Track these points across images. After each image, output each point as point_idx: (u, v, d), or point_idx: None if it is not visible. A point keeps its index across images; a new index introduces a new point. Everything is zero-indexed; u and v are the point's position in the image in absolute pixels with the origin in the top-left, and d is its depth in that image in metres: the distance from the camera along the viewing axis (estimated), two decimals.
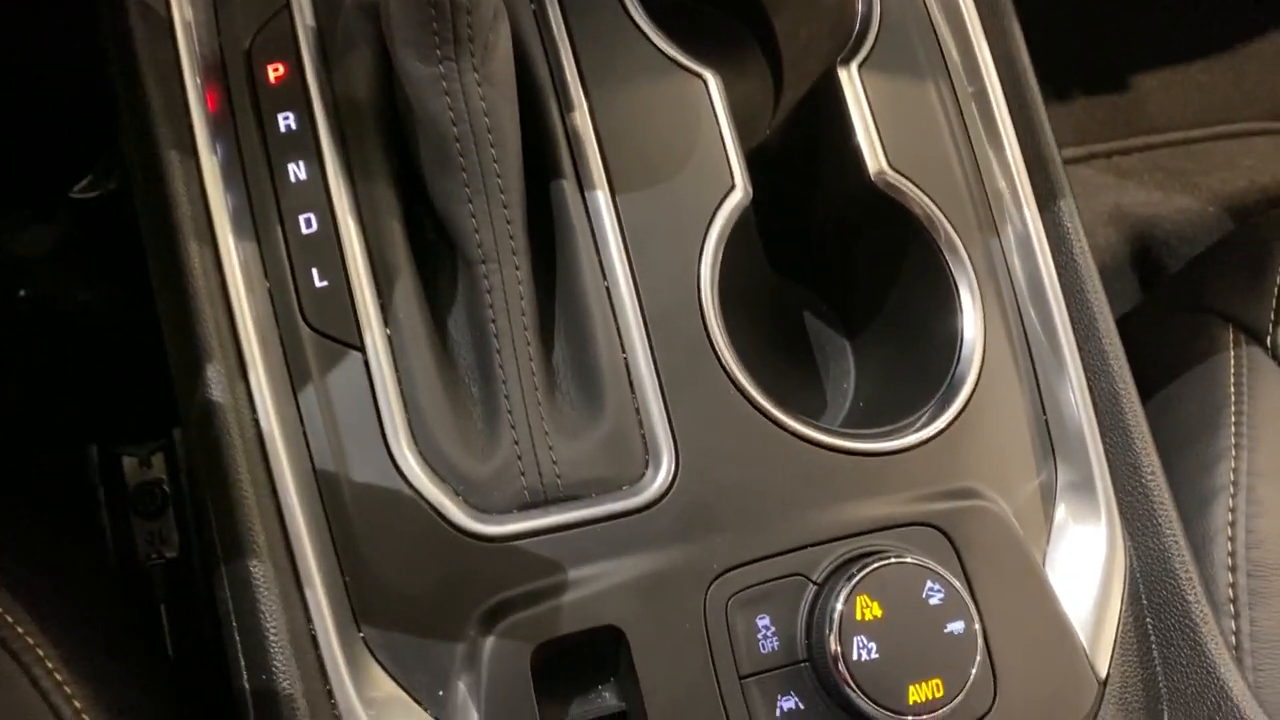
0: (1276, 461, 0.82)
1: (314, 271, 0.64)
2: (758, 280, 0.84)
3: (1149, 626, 0.71)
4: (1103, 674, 0.69)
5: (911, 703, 0.62)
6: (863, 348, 0.83)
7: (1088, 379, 0.73)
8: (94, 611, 0.83)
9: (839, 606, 0.62)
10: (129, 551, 1.08)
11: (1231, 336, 0.92)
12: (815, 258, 0.84)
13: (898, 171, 0.73)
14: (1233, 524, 0.80)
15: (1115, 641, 0.70)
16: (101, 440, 1.10)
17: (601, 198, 0.67)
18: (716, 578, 0.64)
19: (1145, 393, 0.74)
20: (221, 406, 0.60)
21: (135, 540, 1.08)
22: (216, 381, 0.60)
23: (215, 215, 0.63)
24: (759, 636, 0.64)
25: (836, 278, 0.83)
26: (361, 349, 0.63)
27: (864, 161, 0.73)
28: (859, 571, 0.63)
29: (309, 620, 0.59)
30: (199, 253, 0.62)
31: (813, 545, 0.66)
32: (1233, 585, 0.78)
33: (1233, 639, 0.76)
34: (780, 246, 0.83)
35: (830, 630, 0.62)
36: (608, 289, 0.67)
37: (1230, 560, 0.79)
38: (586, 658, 0.63)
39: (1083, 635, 0.69)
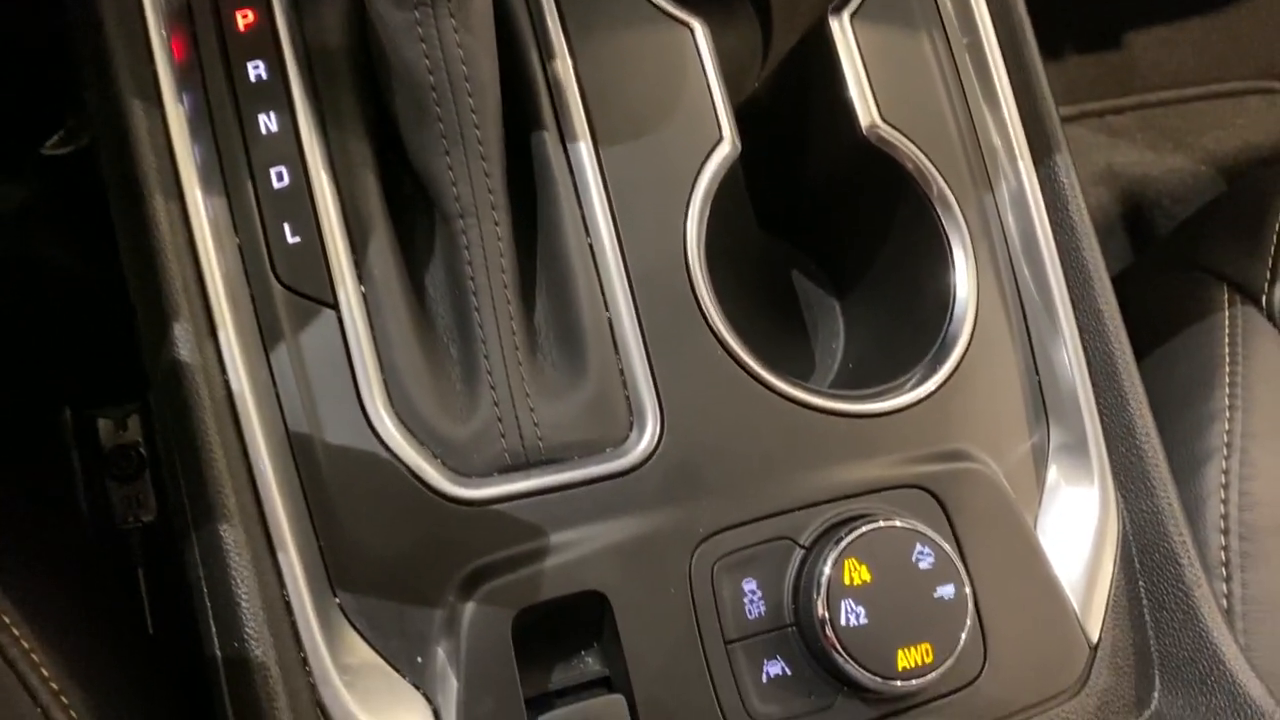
0: (1271, 423, 0.81)
1: (286, 227, 0.61)
2: (745, 238, 0.82)
3: (1141, 590, 0.70)
4: (1094, 638, 0.68)
5: (901, 668, 0.61)
6: (852, 307, 0.81)
7: (1082, 339, 0.72)
8: (69, 582, 0.81)
9: (827, 570, 0.61)
10: (105, 516, 1.06)
11: (1226, 296, 0.90)
12: (804, 215, 0.82)
13: (890, 125, 0.71)
14: (1225, 486, 0.79)
15: (1107, 605, 0.69)
16: (75, 403, 1.07)
17: (584, 150, 0.65)
18: (702, 542, 0.62)
19: (1138, 353, 0.73)
20: (190, 366, 0.58)
21: (112, 504, 1.06)
22: (185, 340, 0.58)
23: (182, 168, 0.60)
24: (745, 601, 0.62)
25: (826, 235, 0.81)
26: (335, 307, 0.61)
27: (855, 114, 0.70)
28: (847, 535, 0.62)
29: (282, 586, 0.57)
30: (165, 207, 0.59)
31: (800, 508, 0.64)
32: (1225, 548, 0.77)
33: (1224, 602, 0.75)
34: (768, 203, 0.81)
35: (818, 594, 0.61)
36: (591, 246, 0.65)
37: (1223, 523, 0.78)
38: (569, 624, 0.62)
39: (1074, 599, 0.68)
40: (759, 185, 0.79)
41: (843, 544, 0.62)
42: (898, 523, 0.63)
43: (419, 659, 0.59)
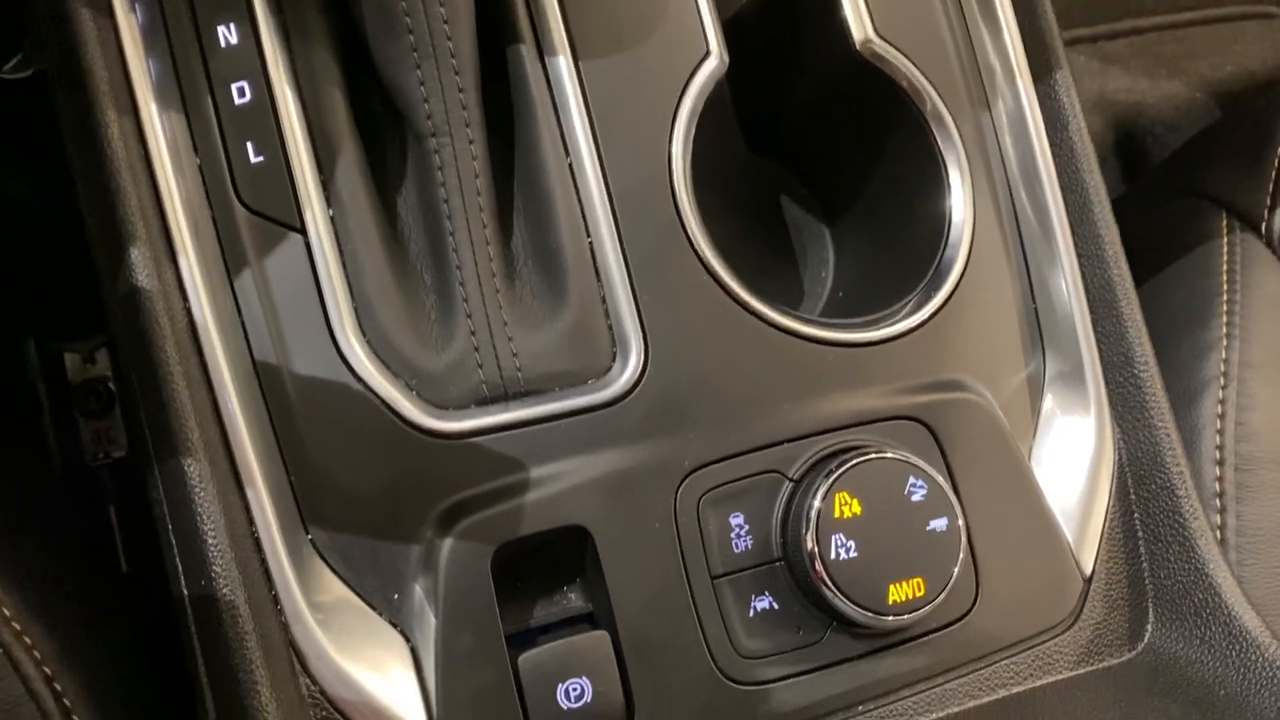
0: (1269, 352, 0.79)
1: (248, 146, 0.58)
2: (732, 160, 0.78)
3: (1136, 521, 0.68)
4: (1088, 571, 0.67)
5: (892, 602, 0.59)
6: (843, 233, 0.78)
7: (1081, 265, 0.69)
8: (38, 519, 0.78)
9: (816, 504, 0.59)
10: (75, 452, 1.03)
11: (1225, 223, 0.88)
12: (794, 136, 0.78)
13: (884, 40, 0.67)
14: (1222, 416, 0.77)
15: (1101, 537, 0.67)
16: (41, 337, 1.04)
17: (563, 64, 0.61)
18: (688, 475, 0.60)
19: (1136, 280, 0.71)
20: (149, 293, 0.55)
21: (81, 440, 1.03)
22: (142, 266, 0.55)
23: (136, 83, 0.57)
24: (732, 536, 0.60)
25: (817, 157, 0.78)
26: (302, 230, 0.58)
27: (849, 29, 0.67)
28: (838, 468, 0.60)
29: (251, 522, 0.55)
30: (118, 124, 0.56)
31: (789, 441, 0.62)
32: (1220, 479, 0.76)
33: (1218, 534, 0.74)
34: (757, 123, 0.78)
35: (807, 528, 0.59)
36: (570, 166, 0.61)
37: (1218, 454, 0.76)
38: (551, 559, 0.60)
39: (1068, 531, 0.67)
40: (747, 104, 0.76)
41: (833, 477, 0.60)
42: (889, 454, 0.61)
43: (395, 596, 0.57)
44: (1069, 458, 0.68)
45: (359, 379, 0.57)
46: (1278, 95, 0.99)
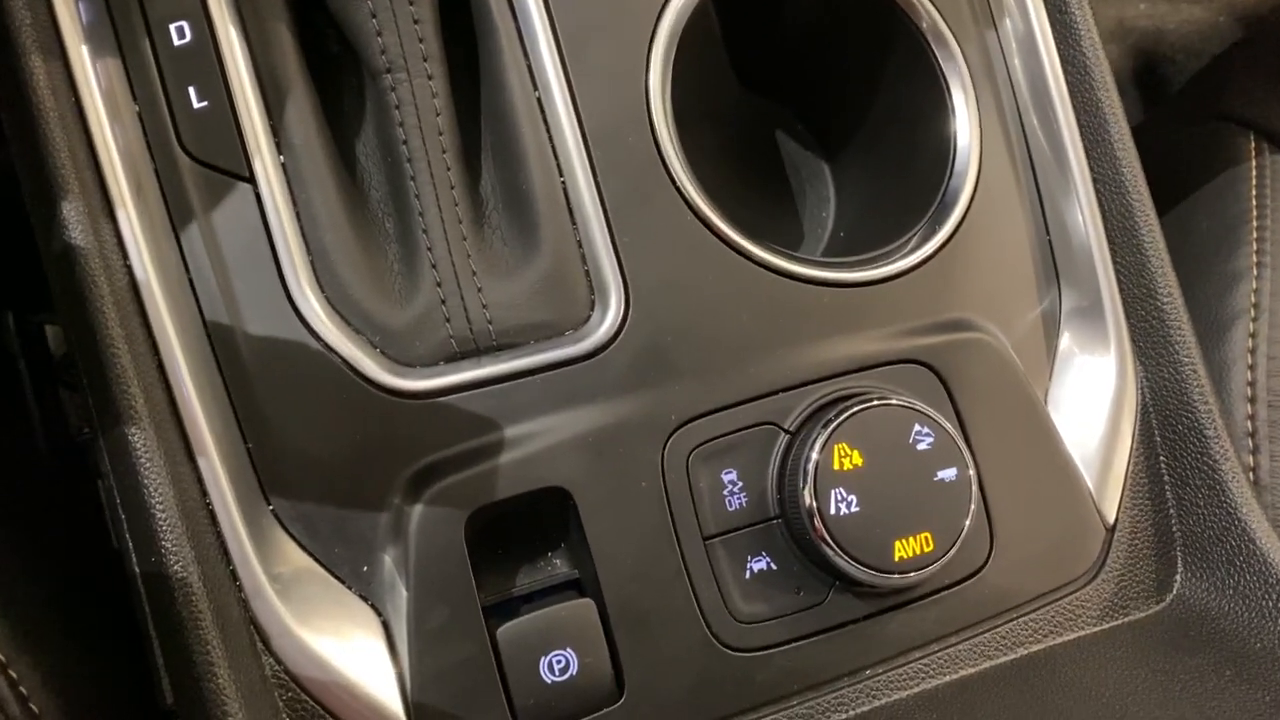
0: None
1: (191, 90, 0.54)
2: (723, 96, 0.74)
3: (1162, 465, 0.64)
4: (1110, 519, 0.62)
5: (898, 559, 0.55)
6: (843, 169, 0.73)
7: (1097, 192, 0.64)
8: (22, 495, 0.75)
9: (814, 456, 0.55)
10: (59, 426, 1.00)
11: (1252, 145, 0.82)
12: (788, 67, 0.73)
13: None
14: (1253, 351, 0.73)
15: (1125, 483, 0.63)
16: (19, 308, 1.01)
17: None
18: (676, 430, 0.56)
19: (1157, 209, 0.66)
20: (84, 251, 0.51)
21: (65, 414, 1.00)
22: (75, 222, 0.51)
23: (64, 24, 0.52)
24: (725, 493, 0.56)
25: (813, 88, 0.73)
26: (251, 180, 0.54)
27: None
28: (837, 416, 0.56)
29: (204, 494, 0.51)
30: (44, 69, 0.52)
31: (785, 390, 0.58)
32: (1251, 417, 0.71)
33: (1251, 476, 0.69)
34: (749, 56, 0.73)
35: (804, 483, 0.55)
36: (539, 101, 0.57)
37: (1249, 390, 0.72)
38: (532, 523, 0.56)
39: (1088, 477, 0.62)
40: (737, 34, 0.71)
41: (832, 427, 0.55)
42: (894, 401, 0.57)
43: (365, 567, 0.53)
44: (1088, 399, 0.63)
45: (317, 337, 0.53)
46: None
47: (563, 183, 0.57)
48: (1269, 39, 0.95)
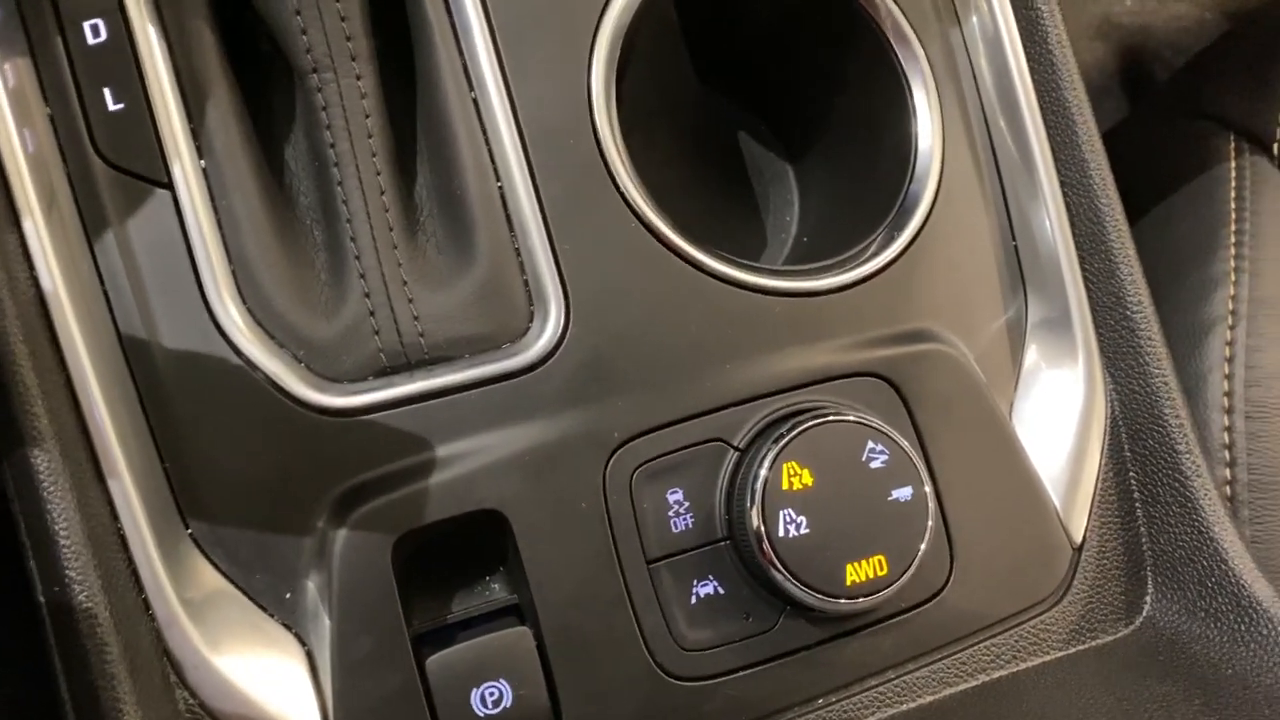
0: None
1: (106, 91, 0.51)
2: (681, 94, 0.71)
3: (1132, 482, 0.61)
4: (1078, 539, 0.60)
5: (850, 583, 0.52)
6: (807, 172, 0.71)
7: (1065, 196, 0.62)
8: None
9: (763, 474, 0.52)
10: None
11: (1233, 145, 0.80)
12: (750, 65, 0.71)
13: None
14: (1230, 359, 0.70)
15: (1093, 501, 0.60)
16: None
17: None
18: (619, 448, 0.54)
19: (1132, 213, 0.63)
20: None
21: None
22: None
23: None
24: (670, 514, 0.54)
25: (775, 88, 0.70)
26: (170, 186, 0.51)
27: None
28: (788, 433, 0.53)
29: (115, 518, 0.48)
30: None
31: (734, 405, 0.55)
32: (1228, 429, 0.68)
33: (1227, 490, 0.67)
34: (709, 53, 0.70)
35: (753, 503, 0.52)
36: (475, 101, 0.54)
37: (1226, 401, 0.69)
38: (468, 547, 0.54)
39: (1055, 495, 0.60)
40: (697, 31, 0.68)
41: (782, 443, 0.53)
42: (847, 417, 0.54)
43: (288, 594, 0.51)
44: (1055, 413, 0.60)
45: (238, 352, 0.51)
46: None
47: (500, 188, 0.54)
48: (1249, 36, 0.92)
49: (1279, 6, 1.23)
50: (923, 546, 0.53)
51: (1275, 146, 0.78)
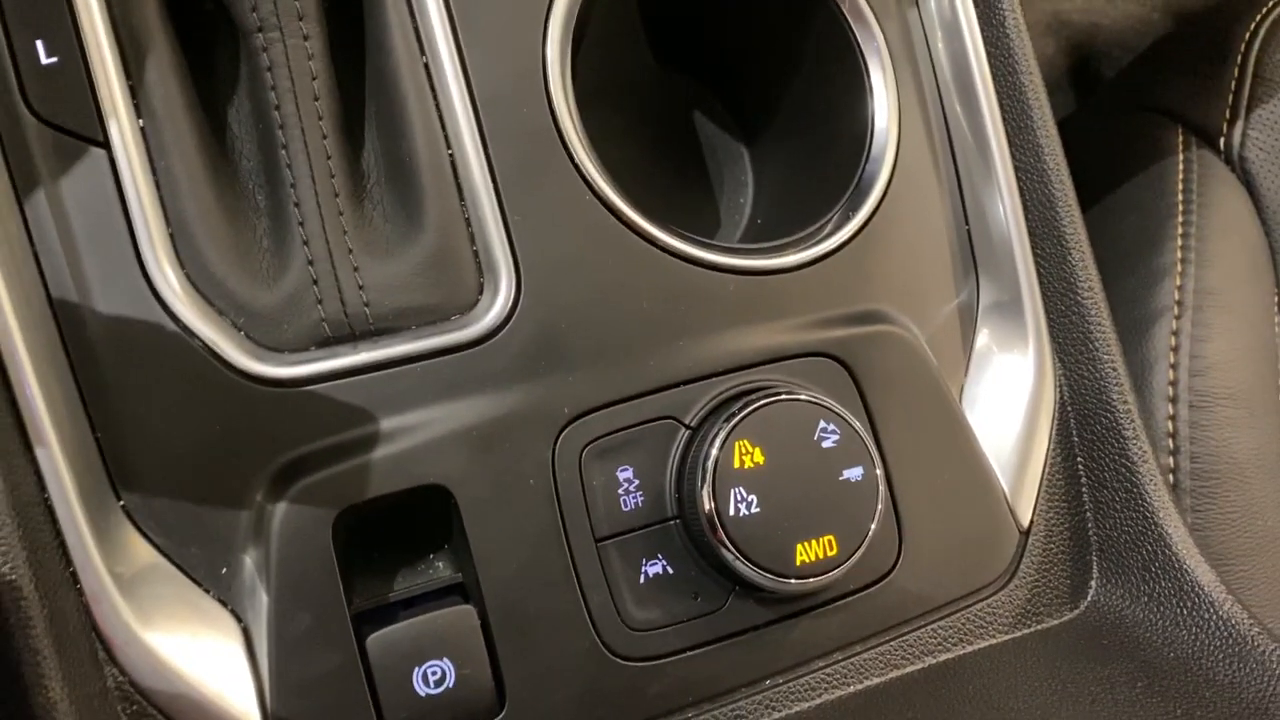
0: (1228, 278, 0.72)
1: (39, 44, 0.49)
2: (635, 71, 0.70)
3: (1079, 467, 0.61)
4: (1025, 522, 0.60)
5: (799, 563, 0.52)
6: (762, 153, 0.70)
7: (1019, 180, 0.62)
8: None
9: (714, 453, 0.51)
10: None
11: (1181, 139, 0.81)
12: (706, 44, 0.70)
13: None
14: (1175, 349, 0.71)
15: (1040, 485, 0.60)
16: None
17: None
18: (568, 424, 0.53)
19: (1081, 204, 0.63)
20: None
21: None
22: None
23: None
24: (620, 492, 0.53)
25: (731, 67, 0.70)
26: (105, 144, 0.49)
27: None
28: (739, 411, 0.52)
29: (42, 488, 0.46)
30: None
31: (686, 383, 0.54)
32: (1173, 418, 0.69)
33: (1170, 478, 0.67)
34: (666, 32, 0.69)
35: (703, 482, 0.51)
36: (426, 66, 0.53)
37: (1171, 390, 0.70)
38: (412, 524, 0.52)
39: (1004, 479, 0.60)
40: (654, 8, 0.67)
41: (734, 422, 0.52)
42: (800, 396, 0.53)
43: (223, 569, 0.49)
44: (1005, 397, 0.60)
45: (175, 318, 0.49)
46: (1238, 2, 0.91)
47: (450, 155, 0.53)
48: (1198, 30, 0.93)
49: (1228, 5, 1.25)
50: (873, 526, 0.53)
51: (1222, 141, 0.79)
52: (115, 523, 0.48)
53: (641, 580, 0.53)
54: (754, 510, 0.51)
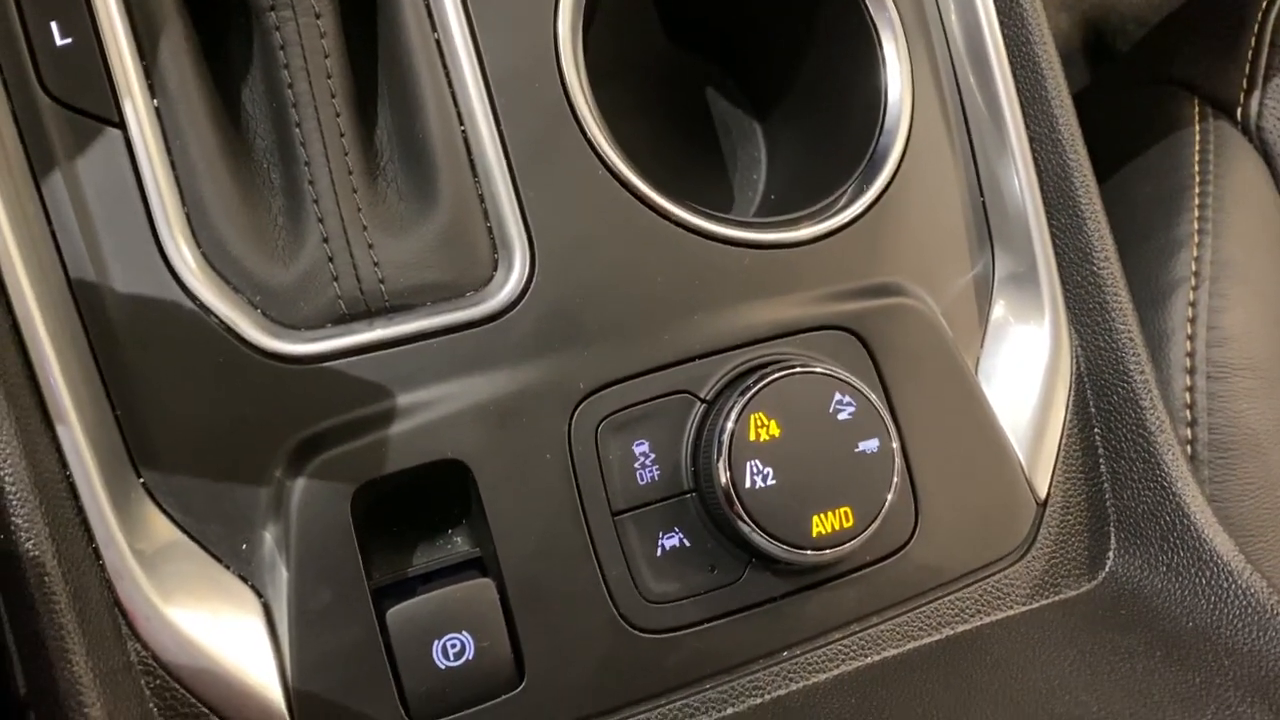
0: (1245, 248, 0.72)
1: (53, 26, 0.49)
2: (647, 49, 0.70)
3: (1096, 438, 0.61)
4: (1042, 494, 0.60)
5: (816, 535, 0.52)
6: (775, 129, 0.70)
7: (1034, 151, 0.61)
8: None
9: (730, 426, 0.52)
10: None
11: (1197, 109, 0.80)
12: (718, 20, 0.70)
13: None
14: (1193, 320, 0.70)
15: (1057, 456, 0.60)
16: None
17: None
18: (584, 398, 0.53)
19: (1096, 175, 0.63)
20: None
21: None
22: None
23: None
24: (636, 466, 0.53)
25: (743, 44, 0.69)
26: (120, 124, 0.49)
27: None
28: (755, 385, 0.52)
29: (64, 465, 0.47)
30: None
31: (701, 357, 0.54)
32: (1190, 389, 0.69)
33: (1188, 449, 0.67)
34: (677, 9, 0.69)
35: (719, 455, 0.51)
36: (439, 43, 0.53)
37: (1188, 361, 0.69)
38: (431, 499, 0.53)
39: (1020, 451, 0.59)
40: None
41: (749, 395, 0.52)
42: (814, 369, 0.53)
43: (244, 545, 0.50)
44: (1021, 369, 0.60)
45: (192, 296, 0.49)
46: None
47: (463, 131, 0.53)
48: (1215, 2, 0.92)
49: None
50: (889, 498, 0.53)
51: (1239, 111, 0.78)
52: (136, 500, 0.49)
53: (658, 553, 0.53)
54: (770, 483, 0.51)
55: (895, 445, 0.53)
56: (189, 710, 0.48)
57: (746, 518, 0.51)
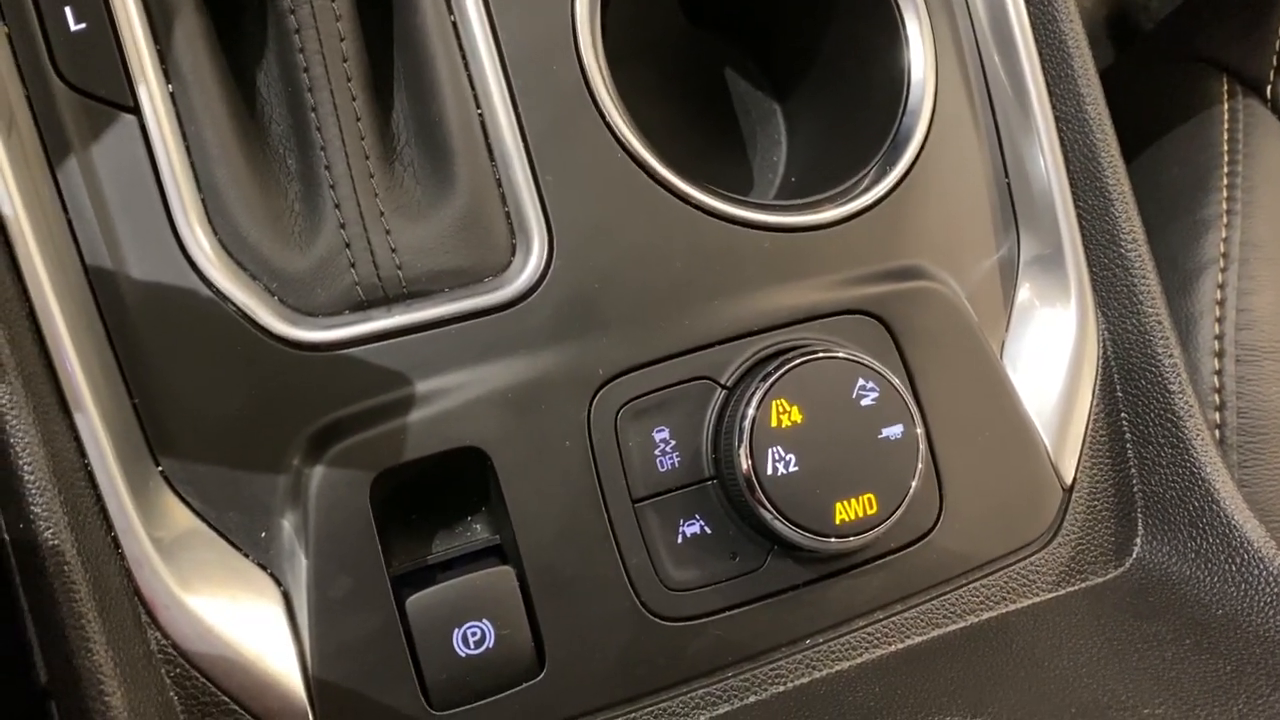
0: (1275, 230, 0.71)
1: (67, 10, 0.49)
2: (666, 30, 0.69)
3: (1123, 422, 0.60)
4: (1068, 479, 0.59)
5: (839, 522, 0.51)
6: (795, 110, 0.69)
7: (1059, 131, 0.60)
8: None
9: (751, 413, 0.51)
10: None
11: (1226, 88, 0.78)
12: (737, 0, 0.69)
13: None
14: (1221, 303, 0.69)
15: (1084, 441, 0.59)
16: None
17: None
18: (603, 385, 0.52)
19: (1124, 155, 0.62)
20: None
21: None
22: None
23: None
24: (656, 453, 0.52)
25: (763, 23, 0.68)
26: (135, 110, 0.49)
27: None
28: (776, 370, 0.52)
29: (83, 454, 0.47)
30: None
31: (722, 342, 0.54)
32: (1219, 373, 0.67)
33: (1216, 434, 0.66)
34: None
35: (741, 441, 0.51)
36: (455, 25, 0.52)
37: (1217, 345, 0.68)
38: (450, 486, 0.52)
39: (1046, 435, 0.59)
40: None
41: (771, 381, 0.51)
42: (838, 354, 0.53)
43: (262, 533, 0.49)
44: (1047, 353, 0.59)
45: (208, 283, 0.49)
46: None
47: (480, 115, 0.52)
48: None
49: None
50: (913, 484, 0.52)
51: (1269, 89, 0.77)
52: (154, 488, 0.48)
53: (679, 540, 0.52)
54: (792, 469, 0.51)
55: (919, 431, 0.53)
56: (209, 699, 0.47)
57: (768, 505, 0.50)
